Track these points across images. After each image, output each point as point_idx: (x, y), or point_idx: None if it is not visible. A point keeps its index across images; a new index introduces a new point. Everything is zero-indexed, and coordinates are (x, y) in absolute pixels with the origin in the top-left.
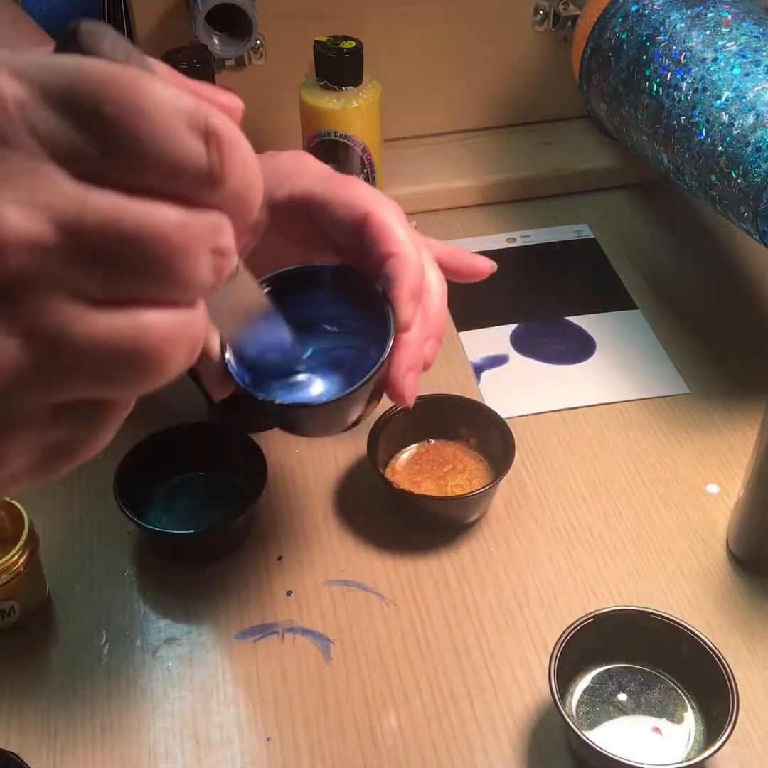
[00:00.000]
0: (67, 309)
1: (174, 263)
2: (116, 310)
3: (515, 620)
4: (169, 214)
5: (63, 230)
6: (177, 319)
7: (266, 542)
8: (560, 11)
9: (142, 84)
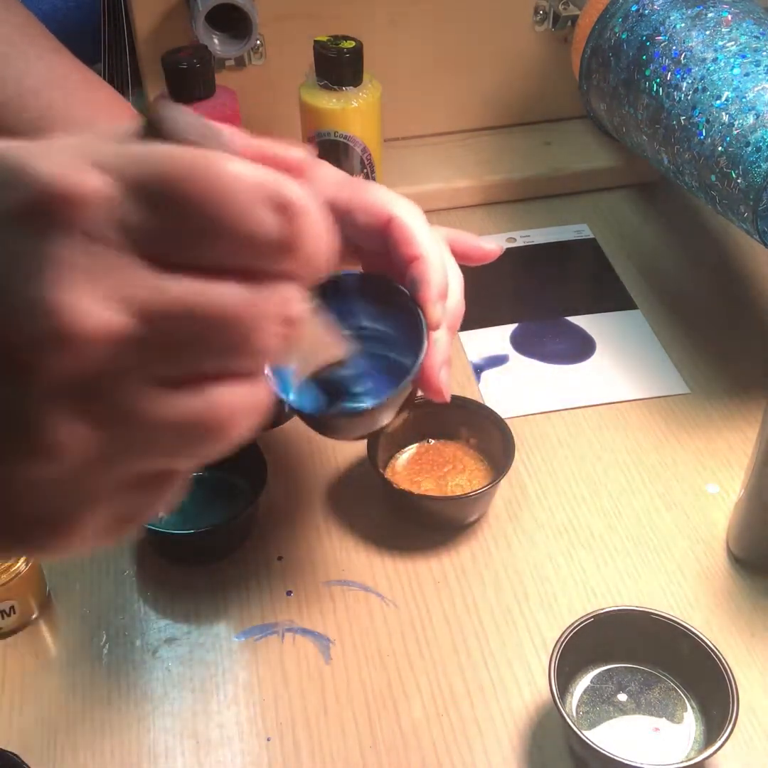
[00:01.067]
0: (142, 394)
1: (246, 341)
2: (188, 390)
3: (515, 620)
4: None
5: (141, 320)
6: (245, 391)
7: (266, 542)
8: (560, 11)
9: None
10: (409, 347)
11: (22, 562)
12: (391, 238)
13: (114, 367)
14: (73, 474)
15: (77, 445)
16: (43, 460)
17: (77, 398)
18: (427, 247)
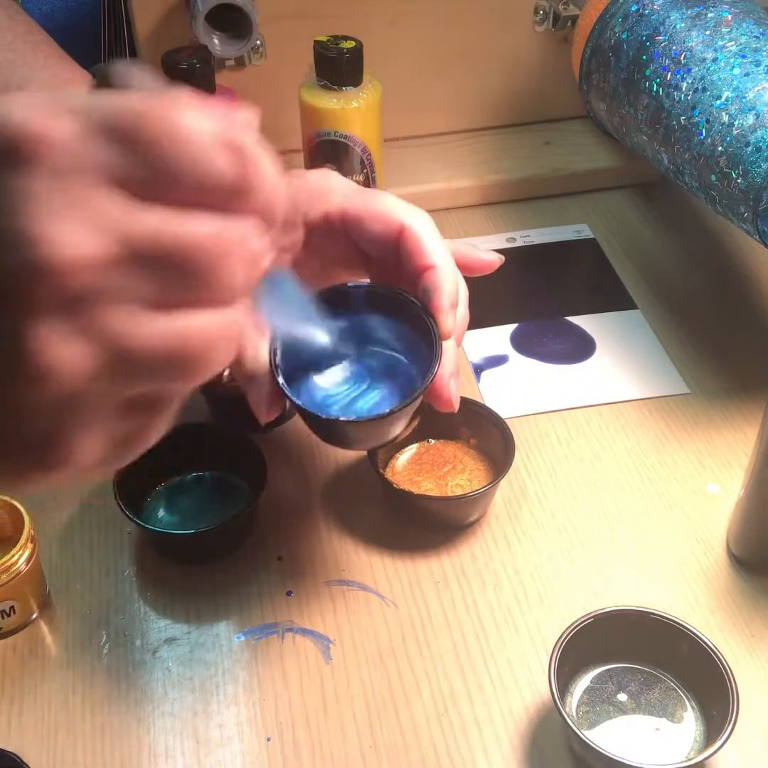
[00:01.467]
0: (128, 316)
1: (213, 268)
2: (168, 315)
3: (515, 620)
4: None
5: (118, 245)
6: (218, 319)
7: (266, 542)
8: (560, 11)
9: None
10: (418, 357)
11: (22, 562)
12: (403, 248)
13: (95, 291)
14: (65, 393)
15: (67, 365)
16: (37, 381)
17: (64, 321)
18: (440, 256)
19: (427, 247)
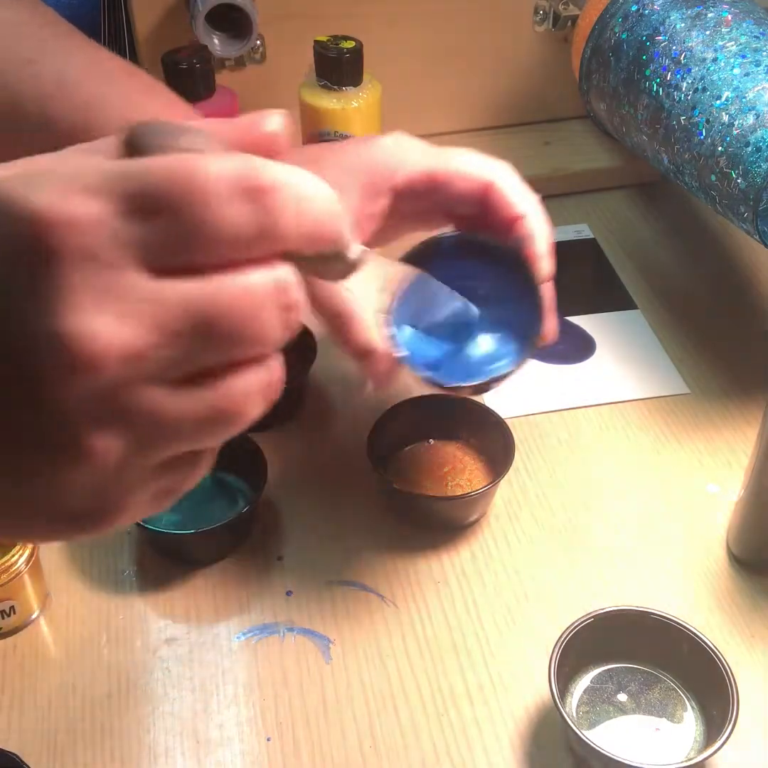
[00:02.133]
0: (157, 396)
1: (246, 330)
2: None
3: (515, 620)
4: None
5: (150, 330)
6: (255, 377)
7: (266, 542)
8: (560, 11)
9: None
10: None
11: (22, 562)
12: (491, 202)
13: (129, 377)
14: (109, 472)
15: (108, 449)
16: (80, 467)
17: (101, 410)
18: (531, 205)
19: (516, 197)
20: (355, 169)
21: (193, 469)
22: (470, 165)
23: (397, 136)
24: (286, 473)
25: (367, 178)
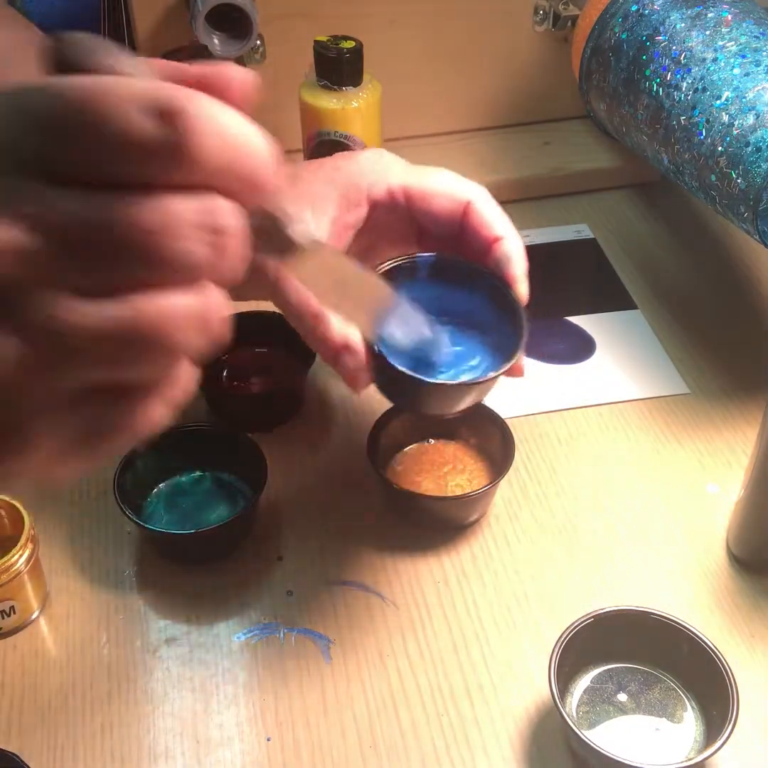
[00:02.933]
0: (58, 303)
1: (158, 248)
2: (112, 299)
3: (515, 620)
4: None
5: (42, 233)
6: (179, 300)
7: (266, 542)
8: (560, 11)
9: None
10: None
11: (22, 562)
12: (469, 222)
13: (21, 278)
14: (7, 384)
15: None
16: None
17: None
18: (507, 227)
19: (494, 219)
20: (334, 180)
21: (120, 408)
22: (449, 184)
23: (378, 151)
24: (286, 473)
25: (346, 189)
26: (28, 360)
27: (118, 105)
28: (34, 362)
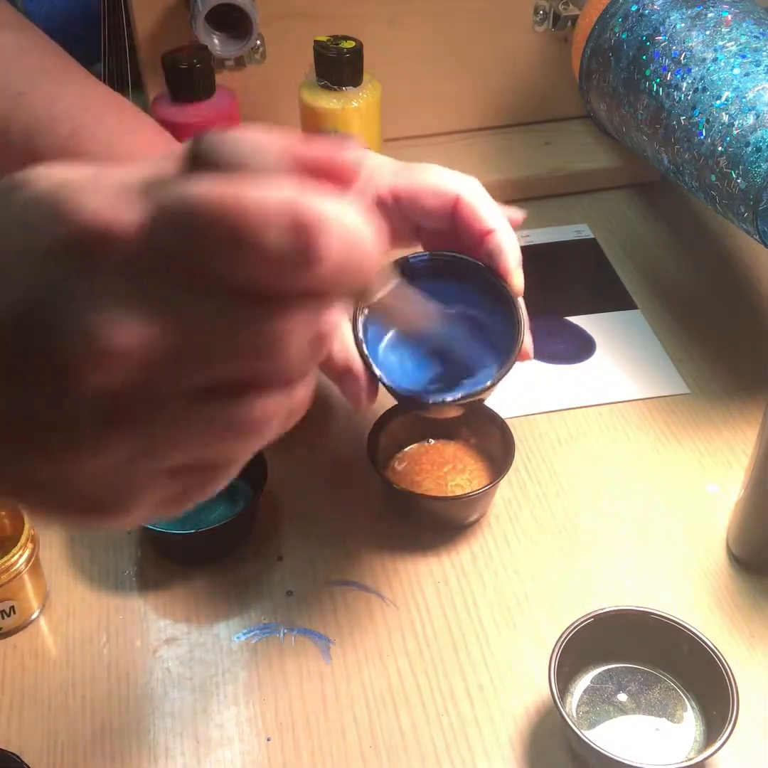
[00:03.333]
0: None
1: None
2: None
3: (515, 620)
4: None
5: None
6: (277, 402)
7: (266, 542)
8: (560, 11)
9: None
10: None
11: (22, 562)
12: (459, 216)
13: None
14: (118, 466)
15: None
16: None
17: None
18: (499, 219)
19: (484, 212)
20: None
21: (205, 480)
22: (439, 179)
23: (363, 152)
24: (286, 473)
25: None
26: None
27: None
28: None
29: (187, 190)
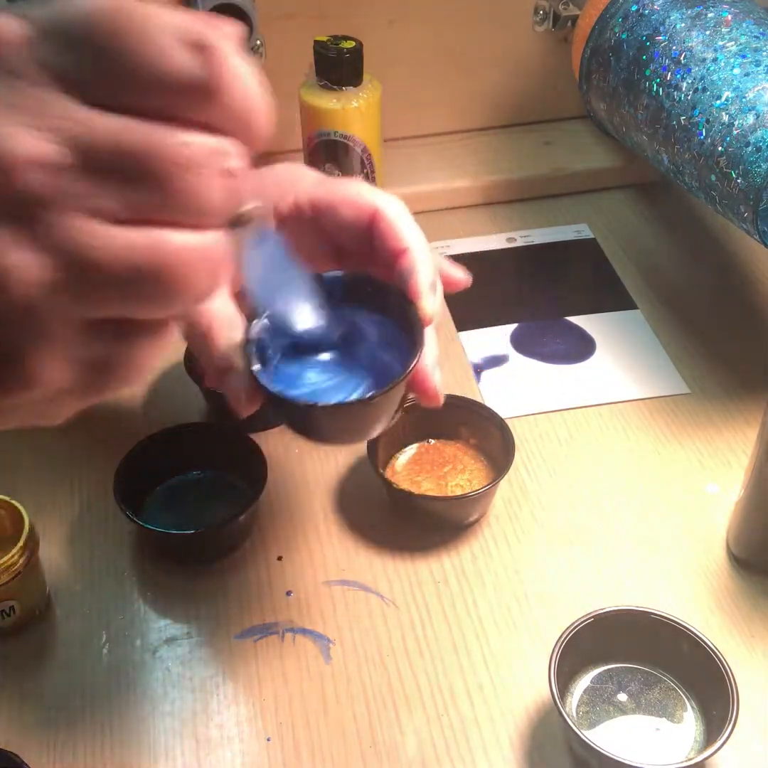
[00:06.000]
0: (83, 224)
1: (179, 180)
2: (132, 228)
3: (515, 620)
4: (170, 132)
5: (72, 150)
6: (193, 239)
7: (266, 542)
8: (560, 11)
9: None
10: (400, 346)
11: (22, 562)
12: (376, 232)
13: (49, 195)
14: (20, 302)
15: (20, 270)
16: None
17: (17, 225)
18: (415, 239)
19: (400, 229)
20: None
21: (129, 344)
22: (356, 192)
23: (290, 164)
24: (286, 473)
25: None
26: (45, 280)
27: (157, 33)
28: (50, 284)
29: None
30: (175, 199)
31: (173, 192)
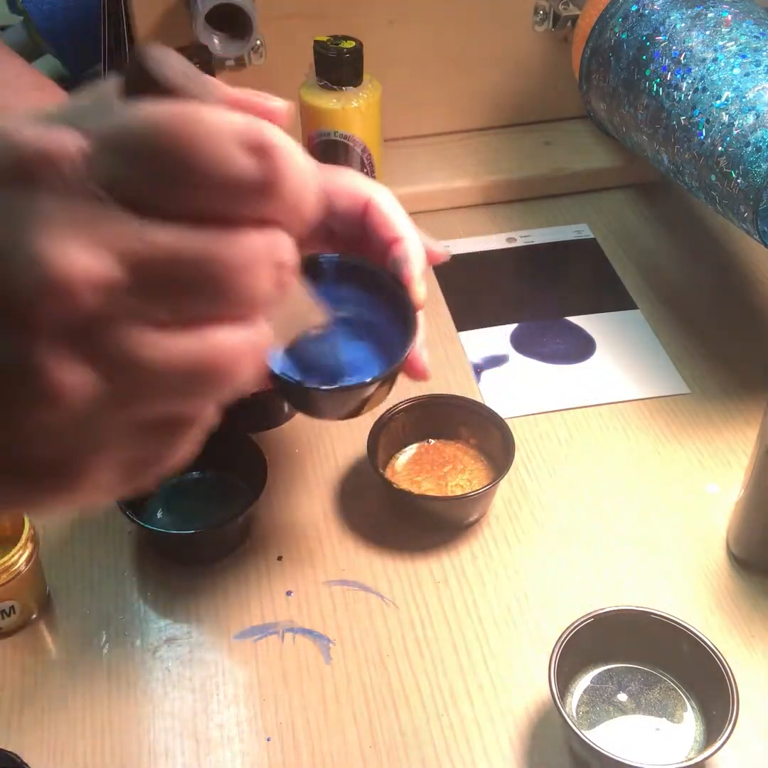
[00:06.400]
0: (138, 337)
1: (236, 283)
2: (185, 332)
3: (515, 620)
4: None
5: (129, 267)
6: (243, 334)
7: (266, 542)
8: (560, 11)
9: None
10: (391, 327)
11: (22, 562)
12: (369, 221)
13: (105, 312)
14: (77, 417)
15: (78, 388)
16: (46, 404)
17: (73, 343)
18: (407, 228)
19: (394, 219)
20: None
21: (173, 439)
22: (352, 182)
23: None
24: (286, 473)
25: None
26: (104, 394)
27: (218, 140)
28: (109, 396)
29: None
30: (228, 299)
31: (227, 293)
